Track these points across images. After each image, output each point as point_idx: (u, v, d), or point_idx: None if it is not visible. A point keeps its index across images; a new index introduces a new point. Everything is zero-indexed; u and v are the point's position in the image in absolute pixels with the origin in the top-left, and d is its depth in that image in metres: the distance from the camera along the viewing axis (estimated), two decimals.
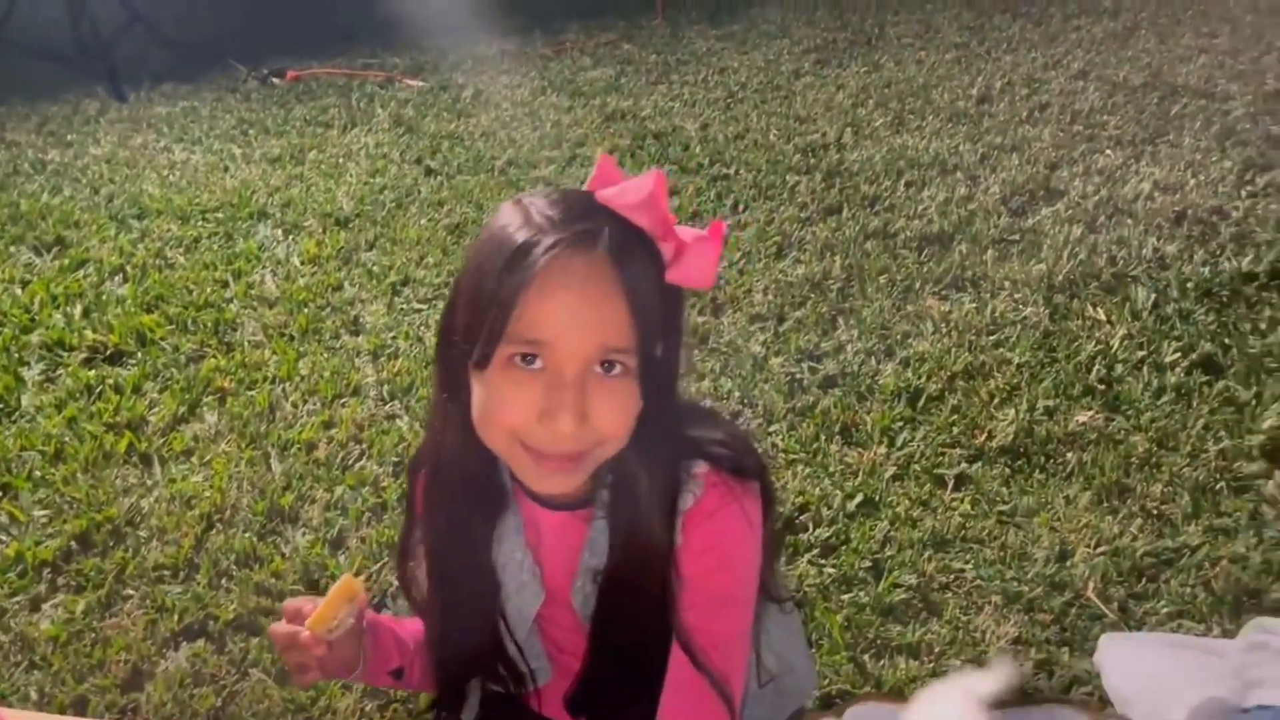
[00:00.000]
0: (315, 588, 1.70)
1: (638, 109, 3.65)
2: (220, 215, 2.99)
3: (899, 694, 1.46)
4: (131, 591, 1.69)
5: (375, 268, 2.67)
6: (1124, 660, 1.42)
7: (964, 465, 1.91)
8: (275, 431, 2.05)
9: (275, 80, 4.09)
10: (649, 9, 4.76)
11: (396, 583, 1.29)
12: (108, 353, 2.34)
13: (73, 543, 1.79)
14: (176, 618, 1.63)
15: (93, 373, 2.25)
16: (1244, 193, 2.84)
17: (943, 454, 1.94)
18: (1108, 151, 3.12)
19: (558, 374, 0.87)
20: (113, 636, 1.60)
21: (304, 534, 1.81)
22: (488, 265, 0.88)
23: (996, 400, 2.09)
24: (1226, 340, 2.21)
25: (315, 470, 1.96)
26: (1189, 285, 2.42)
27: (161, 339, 2.38)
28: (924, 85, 3.73)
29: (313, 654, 0.97)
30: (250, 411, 2.11)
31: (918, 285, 2.51)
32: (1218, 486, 1.83)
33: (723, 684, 0.96)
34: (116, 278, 2.67)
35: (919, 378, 2.16)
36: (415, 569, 1.12)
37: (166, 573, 1.73)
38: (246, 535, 1.78)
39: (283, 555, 1.75)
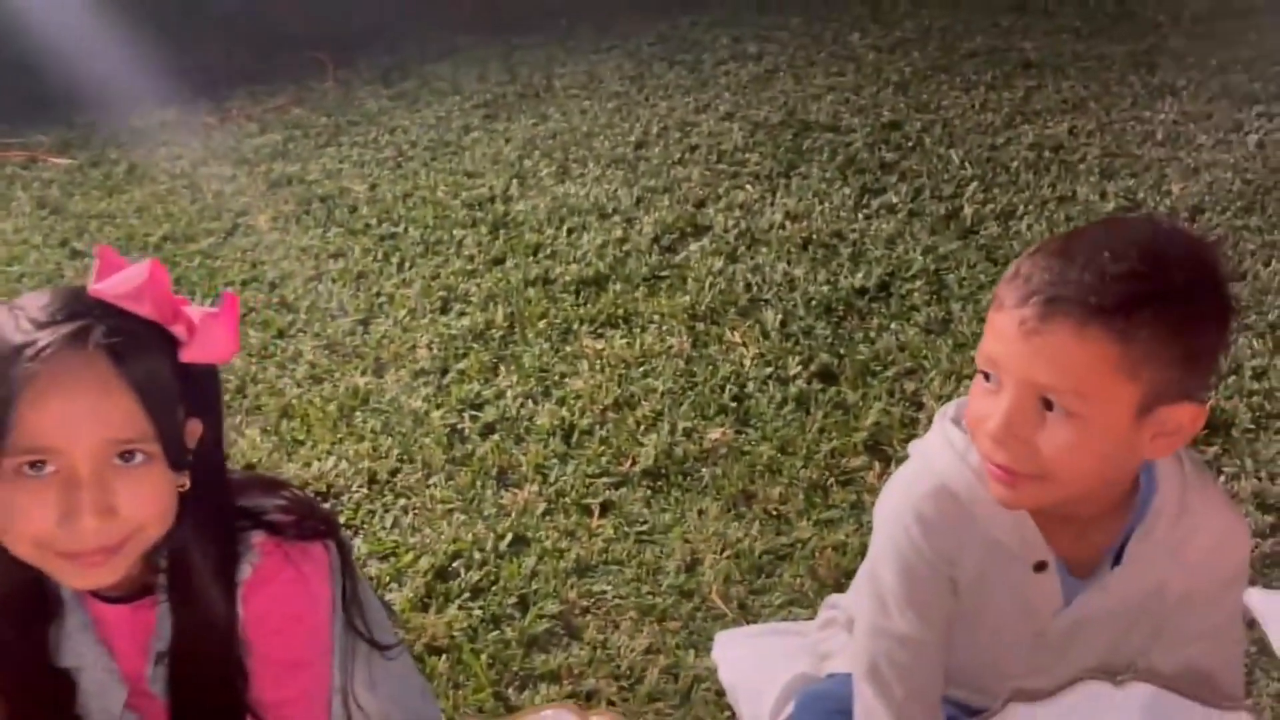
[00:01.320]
0: None
1: (305, 173, 3.63)
2: None
3: None
4: None
5: None
6: (733, 653, 1.56)
7: (609, 492, 2.03)
8: None
9: None
10: (320, 72, 4.73)
11: None
12: None
13: None
14: None
15: None
16: (861, 215, 3.18)
17: (590, 484, 2.06)
18: (747, 186, 3.40)
19: (71, 475, 0.88)
20: None
21: None
22: None
23: (642, 428, 2.23)
24: (841, 350, 2.47)
25: None
26: (812, 303, 2.69)
27: None
28: (587, 134, 3.93)
29: None
30: None
31: (575, 326, 2.64)
32: (828, 483, 2.04)
33: None
34: None
35: (573, 414, 2.28)
36: None
37: None
38: None
39: None
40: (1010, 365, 0.98)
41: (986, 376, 1.02)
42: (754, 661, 1.52)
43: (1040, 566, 1.13)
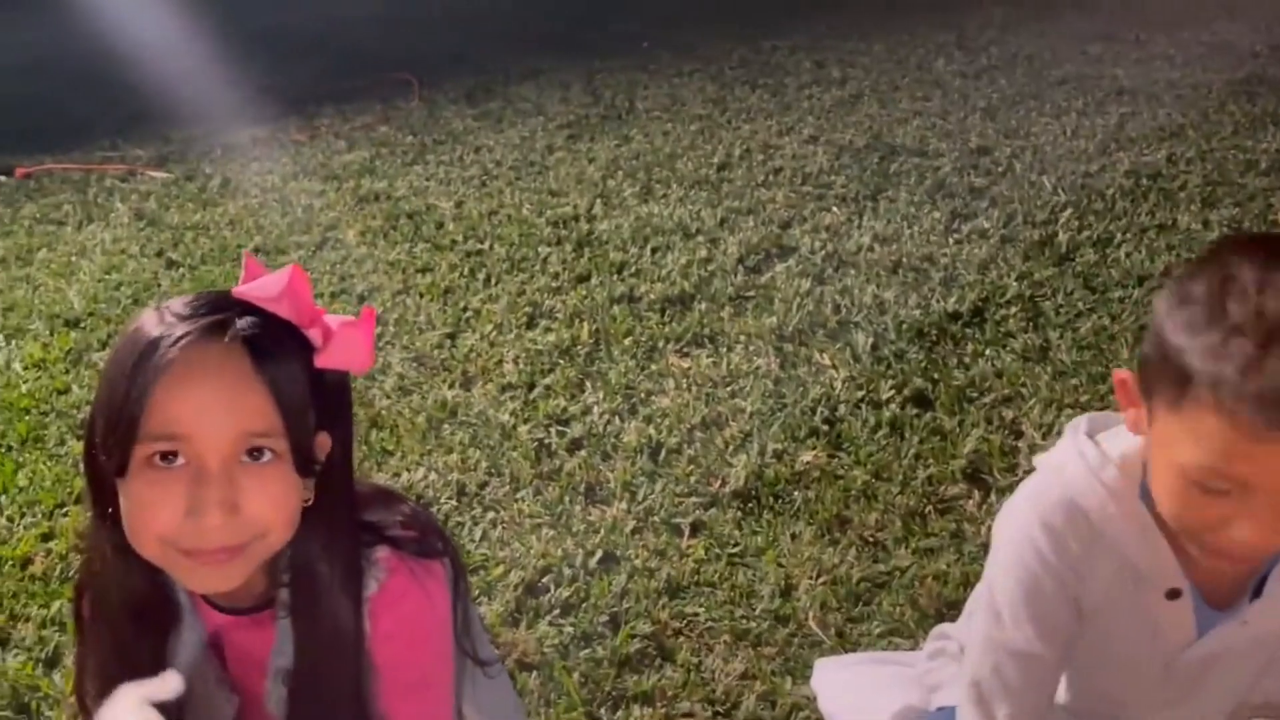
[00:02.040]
0: (26, 711, 1.60)
1: (392, 190, 3.67)
2: None
3: None
4: None
5: None
6: (833, 682, 1.51)
7: (699, 512, 2.00)
8: None
9: (2, 178, 3.88)
10: (406, 91, 4.80)
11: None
12: None
13: None
14: None
15: None
16: (951, 240, 3.12)
17: (680, 503, 2.02)
18: (834, 209, 3.36)
19: (200, 467, 0.87)
20: None
21: (15, 655, 1.69)
22: (120, 368, 0.88)
23: (731, 448, 2.19)
24: (935, 375, 2.41)
25: (31, 586, 1.85)
26: (903, 327, 2.63)
27: None
28: (670, 155, 3.92)
29: None
30: None
31: (661, 344, 2.61)
32: (925, 510, 1.98)
33: None
34: None
35: (660, 433, 2.25)
36: (93, 693, 1.07)
37: None
38: None
39: None
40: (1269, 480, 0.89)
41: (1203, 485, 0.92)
42: (856, 691, 1.47)
43: (1174, 594, 1.07)
